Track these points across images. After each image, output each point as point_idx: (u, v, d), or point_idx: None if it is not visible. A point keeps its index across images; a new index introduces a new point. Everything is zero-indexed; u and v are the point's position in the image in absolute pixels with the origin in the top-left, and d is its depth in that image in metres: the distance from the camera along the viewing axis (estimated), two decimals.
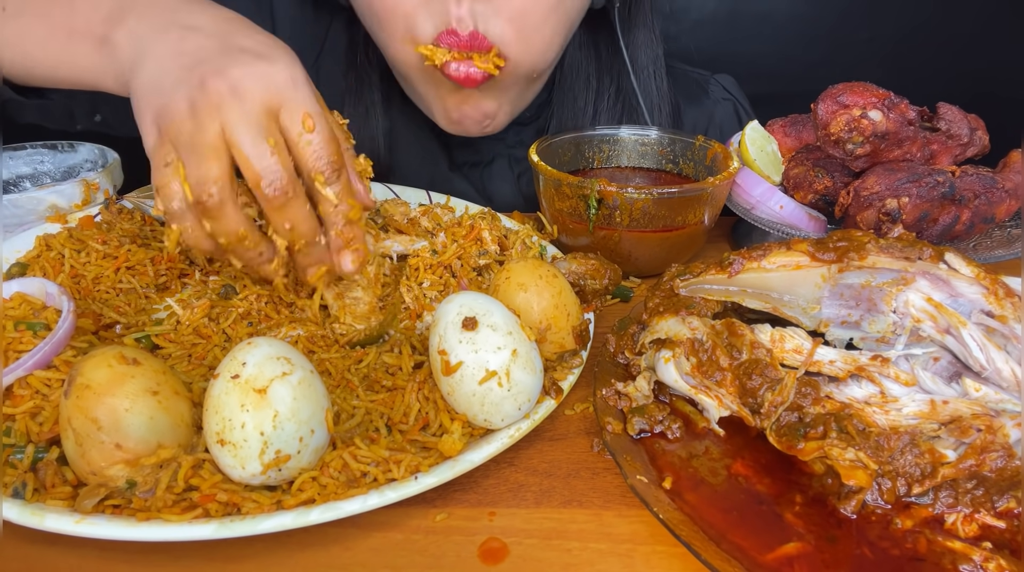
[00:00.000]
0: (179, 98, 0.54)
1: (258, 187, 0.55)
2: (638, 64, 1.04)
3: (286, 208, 0.56)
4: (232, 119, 0.54)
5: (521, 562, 0.48)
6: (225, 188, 0.54)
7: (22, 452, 0.50)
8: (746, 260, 0.60)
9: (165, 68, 0.57)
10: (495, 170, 1.10)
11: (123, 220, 0.78)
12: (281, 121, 0.56)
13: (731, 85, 1.22)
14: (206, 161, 0.54)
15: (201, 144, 0.54)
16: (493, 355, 0.52)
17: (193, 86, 0.54)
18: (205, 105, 0.54)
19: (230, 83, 0.54)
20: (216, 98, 0.54)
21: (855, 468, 0.48)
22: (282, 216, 0.56)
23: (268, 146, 0.54)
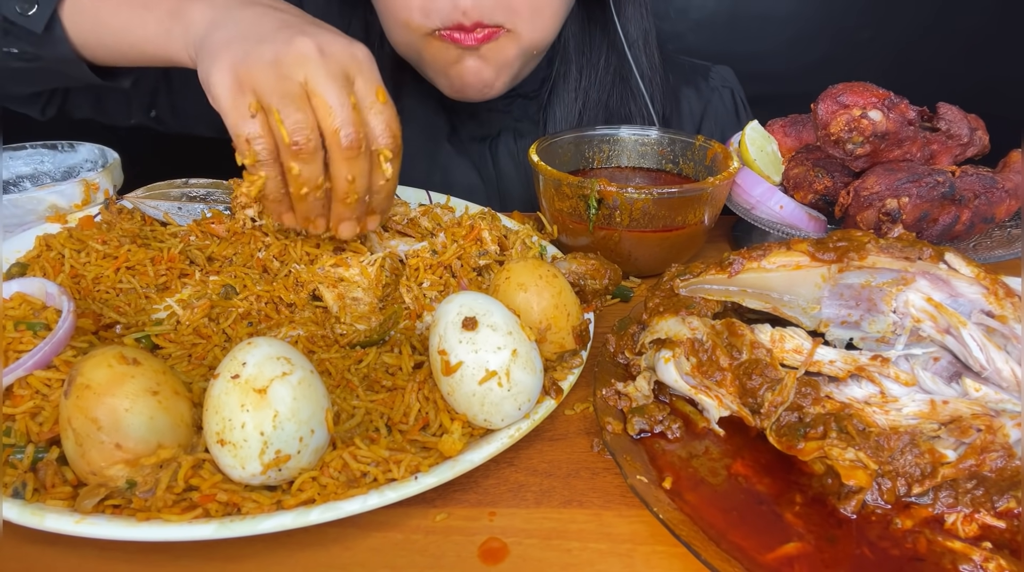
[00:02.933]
0: (264, 50, 0.58)
1: (335, 135, 0.58)
2: (630, 37, 1.09)
3: (355, 161, 0.60)
4: (316, 73, 0.58)
5: (521, 562, 0.48)
6: (317, 135, 0.59)
7: (22, 452, 0.50)
8: (746, 260, 0.60)
9: (249, 29, 0.61)
10: (501, 143, 1.13)
11: (123, 220, 0.78)
12: (356, 86, 0.60)
13: (730, 75, 1.24)
14: (300, 110, 0.57)
15: (291, 93, 0.57)
16: (493, 355, 0.52)
17: (279, 41, 0.58)
18: (290, 56, 0.58)
19: (317, 43, 0.58)
20: (302, 52, 0.58)
21: (855, 468, 0.48)
22: (348, 167, 0.61)
23: (351, 104, 0.59)
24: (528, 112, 1.12)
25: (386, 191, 0.65)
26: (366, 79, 0.61)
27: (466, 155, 1.13)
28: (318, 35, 0.60)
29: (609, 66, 1.10)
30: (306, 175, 0.60)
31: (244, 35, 0.61)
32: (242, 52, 0.59)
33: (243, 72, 0.58)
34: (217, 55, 0.60)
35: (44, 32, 0.75)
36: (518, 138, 1.13)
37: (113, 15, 0.74)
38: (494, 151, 1.13)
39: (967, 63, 2.13)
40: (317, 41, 0.59)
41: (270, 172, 0.60)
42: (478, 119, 1.11)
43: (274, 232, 0.74)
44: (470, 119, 1.12)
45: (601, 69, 1.10)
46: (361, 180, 0.62)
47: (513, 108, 1.11)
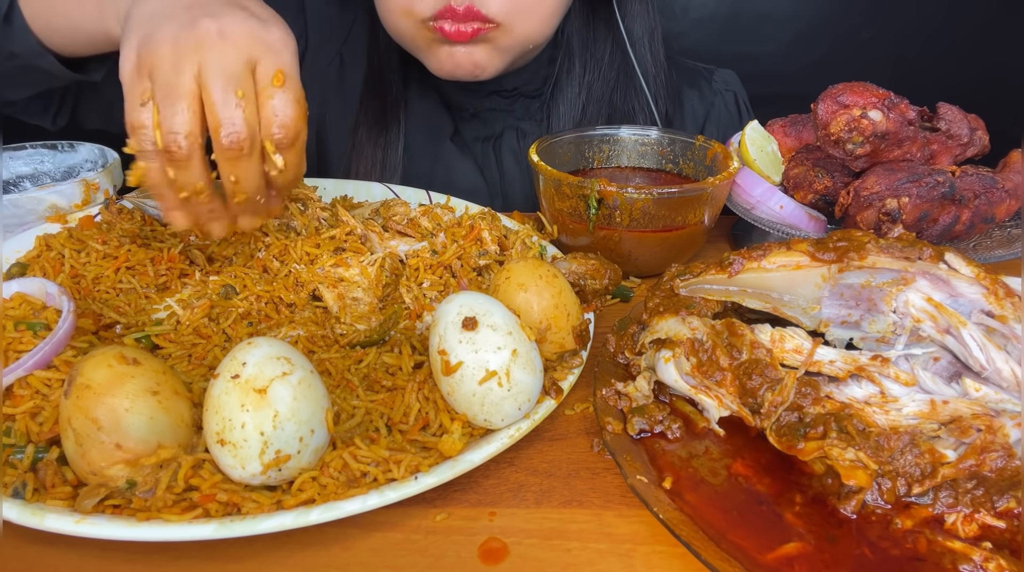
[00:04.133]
0: (167, 29, 0.56)
1: (216, 134, 0.56)
2: (634, 35, 1.08)
3: (237, 162, 0.58)
4: (210, 61, 0.55)
5: (521, 562, 0.48)
6: (194, 143, 0.56)
7: (22, 452, 0.50)
8: (746, 260, 0.60)
9: (166, 6, 0.59)
10: (504, 143, 1.13)
11: (123, 220, 0.78)
12: (257, 71, 0.57)
13: (733, 79, 1.24)
14: (180, 111, 0.55)
15: (176, 88, 0.55)
16: (493, 355, 0.52)
17: (185, 21, 0.57)
18: (189, 41, 0.56)
19: (219, 26, 0.56)
20: (202, 36, 0.56)
21: (855, 468, 0.48)
22: (231, 168, 0.58)
23: (235, 97, 0.56)
24: (531, 111, 1.12)
25: (283, 182, 0.61)
26: (269, 63, 0.57)
27: (469, 154, 1.13)
28: (229, 16, 0.57)
29: (613, 62, 1.10)
30: (181, 180, 0.58)
31: (159, 12, 0.59)
32: (148, 30, 0.57)
33: (144, 54, 0.56)
34: (128, 32, 0.59)
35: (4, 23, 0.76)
36: (521, 138, 1.13)
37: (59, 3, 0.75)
38: (497, 150, 1.13)
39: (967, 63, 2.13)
40: (221, 24, 0.56)
41: (151, 165, 0.58)
42: (481, 118, 1.11)
43: (274, 232, 0.74)
44: (473, 118, 1.11)
45: (605, 64, 1.10)
46: (247, 181, 0.59)
47: (516, 107, 1.11)
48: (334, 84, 1.12)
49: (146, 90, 0.56)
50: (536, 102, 1.12)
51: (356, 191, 0.96)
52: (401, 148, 1.09)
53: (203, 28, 0.56)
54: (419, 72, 1.05)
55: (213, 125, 0.56)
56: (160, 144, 0.56)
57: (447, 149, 1.12)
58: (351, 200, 0.92)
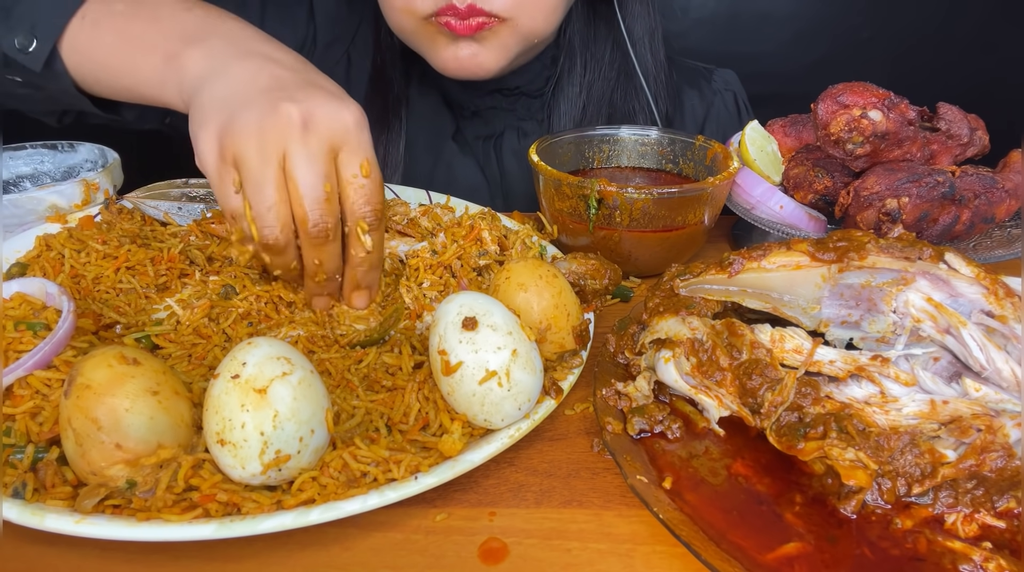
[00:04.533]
0: (249, 116, 0.56)
1: (303, 224, 0.57)
2: (634, 35, 1.08)
3: (322, 248, 0.59)
4: (296, 151, 0.56)
5: (521, 562, 0.48)
6: (289, 234, 0.58)
7: (22, 452, 0.49)
8: (746, 260, 0.60)
9: (240, 87, 0.59)
10: (505, 142, 1.13)
11: (123, 220, 0.78)
12: (339, 159, 0.59)
13: (732, 79, 1.24)
14: (271, 205, 0.56)
15: (264, 181, 0.56)
16: (493, 355, 0.52)
17: (265, 108, 0.56)
18: (273, 129, 0.56)
19: (302, 111, 0.56)
20: (285, 124, 0.56)
21: (855, 468, 0.48)
22: (315, 253, 0.60)
23: (324, 191, 0.57)
24: (532, 111, 1.12)
25: (368, 264, 0.63)
26: (351, 150, 0.59)
27: (470, 153, 1.13)
28: (307, 100, 0.57)
29: (614, 61, 1.10)
30: (276, 263, 0.60)
31: (233, 95, 0.59)
32: (227, 116, 0.57)
33: (227, 141, 0.57)
34: (205, 117, 0.59)
35: (44, 69, 0.74)
36: (522, 137, 1.13)
37: (110, 56, 0.72)
38: (498, 149, 1.14)
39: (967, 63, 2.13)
40: (303, 109, 0.57)
41: (249, 248, 0.60)
42: (482, 117, 1.11)
43: None
44: (474, 116, 1.12)
45: (606, 64, 1.10)
46: (330, 264, 0.61)
47: (517, 107, 1.11)
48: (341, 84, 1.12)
49: (235, 178, 0.57)
50: (537, 102, 1.12)
51: None
52: (403, 146, 1.09)
53: (285, 114, 0.56)
54: (421, 70, 1.05)
55: (300, 216, 0.57)
56: (257, 237, 0.57)
57: (448, 148, 1.12)
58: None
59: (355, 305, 0.66)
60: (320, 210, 0.57)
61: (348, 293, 0.65)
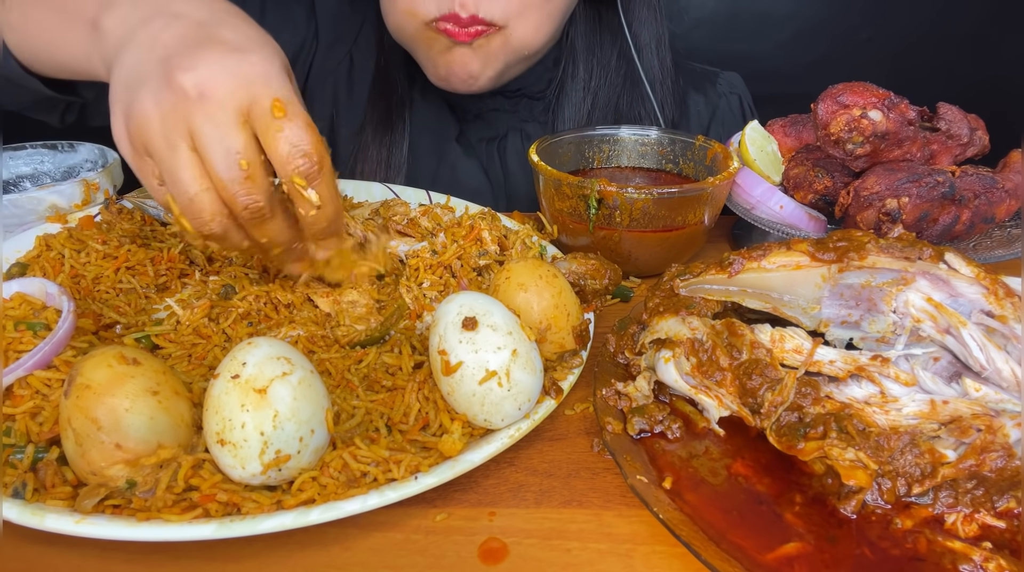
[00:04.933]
0: (145, 98, 0.52)
1: (233, 207, 0.53)
2: (640, 40, 1.08)
3: (263, 226, 0.55)
4: (200, 129, 0.51)
5: (521, 562, 0.47)
6: (220, 218, 0.53)
7: (22, 452, 0.49)
8: (746, 260, 0.60)
9: (140, 59, 0.54)
10: (509, 145, 1.13)
11: (123, 220, 0.78)
12: (252, 117, 0.52)
13: (738, 82, 1.24)
14: (191, 195, 0.52)
15: (177, 169, 0.51)
16: (493, 355, 0.52)
17: (160, 84, 0.52)
18: (171, 108, 0.51)
19: (196, 80, 0.51)
20: (182, 99, 0.51)
21: (855, 468, 0.48)
22: (258, 233, 0.56)
23: (241, 168, 0.51)
24: (534, 113, 1.12)
25: (325, 219, 0.56)
26: (260, 103, 0.52)
27: (474, 155, 1.13)
28: (202, 64, 0.52)
29: (620, 68, 1.10)
30: (225, 248, 0.57)
31: (133, 70, 0.54)
32: (128, 99, 0.53)
33: (132, 129, 0.53)
34: (113, 101, 0.55)
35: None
36: (525, 139, 1.13)
37: (41, 31, 0.69)
38: (502, 152, 1.14)
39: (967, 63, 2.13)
40: (197, 77, 0.51)
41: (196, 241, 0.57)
42: (484, 119, 1.12)
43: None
44: (476, 119, 1.12)
45: (612, 70, 1.10)
46: (279, 237, 0.56)
47: (519, 109, 1.11)
48: (344, 85, 1.12)
49: (152, 166, 0.53)
50: (540, 104, 1.12)
51: (356, 191, 0.96)
52: (406, 148, 1.09)
53: (179, 88, 0.51)
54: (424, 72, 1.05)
55: (226, 199, 0.52)
56: (190, 230, 0.54)
57: (452, 150, 1.12)
58: (351, 200, 0.92)
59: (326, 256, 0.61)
60: (244, 189, 0.52)
61: (314, 251, 0.61)
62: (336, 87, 1.12)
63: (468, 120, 1.12)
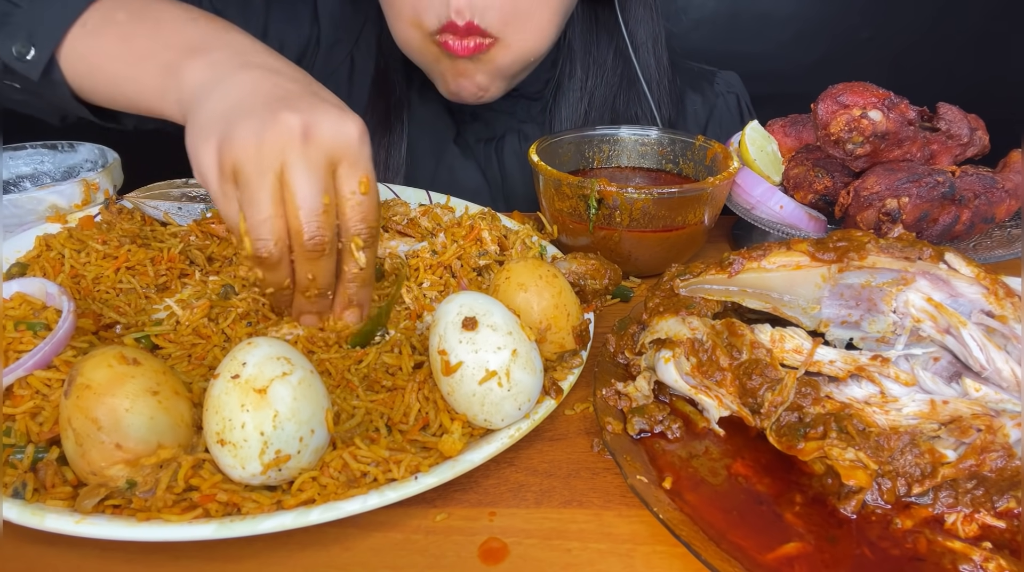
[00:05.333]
0: (248, 126, 0.55)
1: (299, 236, 0.56)
2: (637, 39, 1.08)
3: (316, 262, 0.58)
4: (295, 162, 0.54)
5: (521, 562, 0.47)
6: (282, 246, 0.56)
7: (22, 452, 0.49)
8: (746, 260, 0.60)
9: (240, 98, 0.58)
10: (506, 145, 1.13)
11: (123, 220, 0.78)
12: (338, 173, 0.57)
13: (736, 81, 1.24)
14: (265, 216, 0.55)
15: (260, 191, 0.55)
16: (493, 355, 0.52)
17: (265, 117, 0.55)
18: (272, 139, 0.54)
19: (303, 121, 0.55)
20: (286, 133, 0.54)
21: (855, 468, 0.48)
22: (309, 268, 0.58)
23: (322, 204, 0.56)
24: (532, 113, 1.12)
25: (361, 280, 0.61)
26: (351, 164, 0.57)
27: (471, 156, 1.13)
28: (310, 110, 0.56)
29: (616, 67, 1.10)
30: (269, 280, 0.59)
31: (233, 106, 0.57)
32: (226, 127, 0.56)
33: (225, 152, 0.55)
34: (204, 129, 0.58)
35: (42, 78, 0.72)
36: (523, 140, 1.13)
37: (109, 66, 0.71)
38: (499, 152, 1.14)
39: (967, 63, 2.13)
40: (305, 119, 0.55)
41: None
42: (482, 120, 1.12)
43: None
44: (474, 120, 1.12)
45: (608, 69, 1.10)
46: (323, 278, 0.59)
47: (517, 109, 1.11)
48: (344, 87, 1.12)
49: (233, 190, 0.56)
50: (537, 104, 1.12)
51: None
52: (404, 149, 1.09)
53: (285, 123, 0.54)
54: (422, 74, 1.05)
55: (296, 228, 0.56)
56: (250, 250, 0.56)
57: (450, 151, 1.12)
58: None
59: (348, 320, 0.64)
60: (317, 222, 0.56)
61: (339, 310, 0.64)
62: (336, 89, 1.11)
63: (465, 121, 1.12)
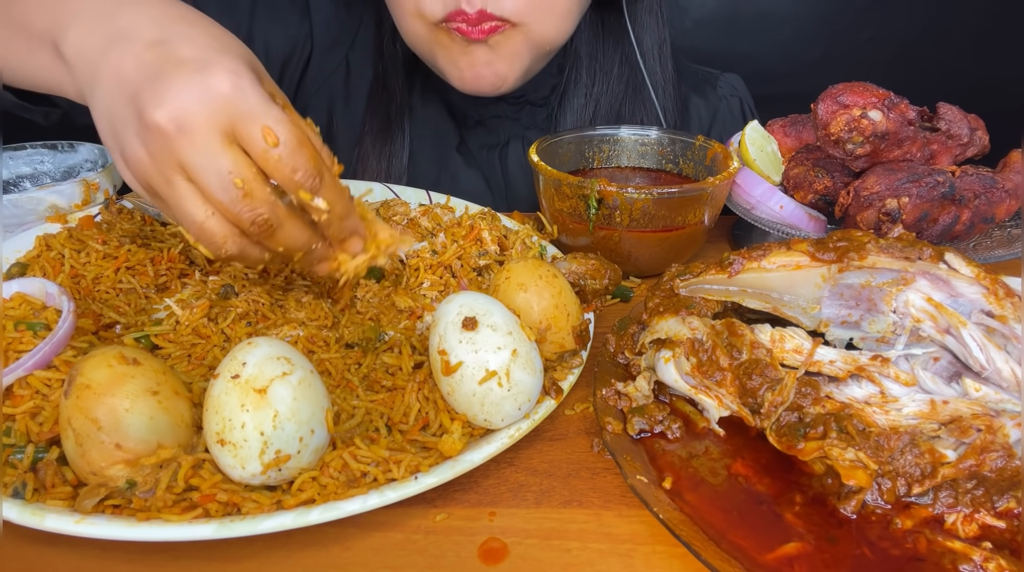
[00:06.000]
0: (131, 141, 0.53)
1: (243, 226, 0.53)
2: (644, 46, 1.07)
3: (274, 237, 0.55)
4: (188, 161, 0.51)
5: (521, 562, 0.47)
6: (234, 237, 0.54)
7: (22, 452, 0.49)
8: (746, 260, 0.60)
9: (111, 100, 0.54)
10: (511, 152, 1.12)
11: (123, 220, 0.78)
12: (239, 138, 0.52)
13: (739, 84, 1.24)
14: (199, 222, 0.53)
15: (179, 203, 0.53)
16: (493, 355, 0.52)
17: (137, 126, 0.52)
18: (156, 150, 0.52)
19: (170, 116, 0.50)
20: (162, 139, 0.51)
21: (855, 468, 0.48)
22: (273, 243, 0.56)
23: (236, 189, 0.51)
24: (536, 120, 1.11)
25: (337, 220, 0.57)
26: (244, 124, 0.51)
27: (475, 163, 1.12)
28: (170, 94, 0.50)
29: (623, 75, 1.09)
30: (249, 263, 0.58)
31: (109, 114, 0.54)
32: (119, 147, 0.54)
33: (133, 176, 0.54)
34: (106, 144, 0.56)
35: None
36: (527, 146, 1.10)
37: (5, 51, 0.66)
38: (503, 159, 1.12)
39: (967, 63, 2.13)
40: (169, 111, 0.50)
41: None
42: (486, 126, 1.10)
43: None
44: (478, 126, 1.10)
45: (614, 77, 1.09)
46: (296, 242, 0.56)
47: (522, 115, 1.10)
48: (340, 92, 1.11)
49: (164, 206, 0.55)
50: (542, 111, 1.11)
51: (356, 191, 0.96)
52: (406, 158, 1.07)
53: (156, 126, 0.50)
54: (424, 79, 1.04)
55: (232, 220, 0.53)
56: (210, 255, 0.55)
57: (453, 158, 1.11)
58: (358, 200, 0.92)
59: (352, 252, 0.61)
60: (246, 206, 0.52)
61: (337, 251, 0.61)
62: (332, 94, 1.11)
63: (469, 126, 1.11)
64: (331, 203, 0.55)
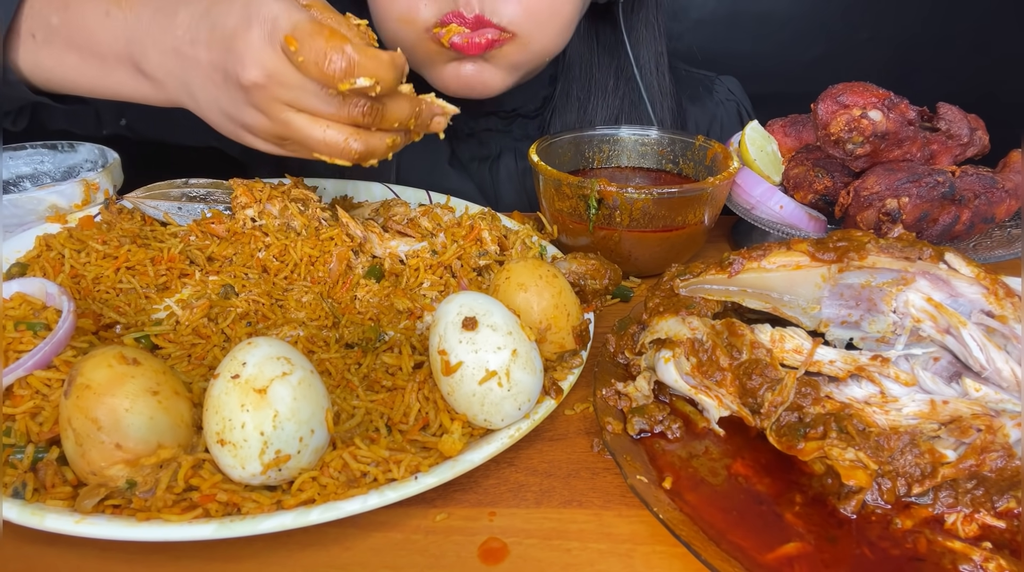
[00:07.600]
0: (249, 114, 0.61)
1: (356, 121, 0.60)
2: (641, 60, 1.05)
3: (385, 117, 0.60)
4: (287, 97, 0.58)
5: (521, 562, 0.48)
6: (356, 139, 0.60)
7: (22, 452, 0.50)
8: (746, 260, 0.60)
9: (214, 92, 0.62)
10: (502, 164, 1.10)
11: (123, 220, 0.78)
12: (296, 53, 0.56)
13: (735, 87, 1.22)
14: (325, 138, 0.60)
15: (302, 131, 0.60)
16: (493, 355, 0.52)
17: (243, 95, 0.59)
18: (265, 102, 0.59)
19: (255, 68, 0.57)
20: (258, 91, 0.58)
21: (855, 468, 0.48)
22: (388, 122, 0.61)
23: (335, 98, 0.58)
24: (528, 132, 1.09)
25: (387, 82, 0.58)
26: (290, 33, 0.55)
27: (467, 176, 1.10)
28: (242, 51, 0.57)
29: (618, 90, 1.07)
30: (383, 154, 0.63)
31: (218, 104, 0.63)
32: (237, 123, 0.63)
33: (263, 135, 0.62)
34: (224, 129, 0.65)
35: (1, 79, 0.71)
36: (519, 158, 1.10)
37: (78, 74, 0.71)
38: (495, 172, 1.11)
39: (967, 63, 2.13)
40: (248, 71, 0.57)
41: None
42: (477, 138, 1.08)
43: (274, 232, 0.74)
44: (469, 138, 1.08)
45: (610, 93, 1.07)
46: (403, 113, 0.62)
47: (513, 128, 1.08)
48: None
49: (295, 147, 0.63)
50: (534, 122, 1.09)
51: (356, 191, 0.96)
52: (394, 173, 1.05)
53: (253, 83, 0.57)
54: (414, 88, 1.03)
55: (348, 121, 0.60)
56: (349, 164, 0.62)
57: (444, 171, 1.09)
58: (351, 200, 0.92)
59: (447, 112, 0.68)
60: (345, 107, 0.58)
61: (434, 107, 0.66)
62: None
63: (460, 139, 1.08)
64: (375, 76, 0.56)
